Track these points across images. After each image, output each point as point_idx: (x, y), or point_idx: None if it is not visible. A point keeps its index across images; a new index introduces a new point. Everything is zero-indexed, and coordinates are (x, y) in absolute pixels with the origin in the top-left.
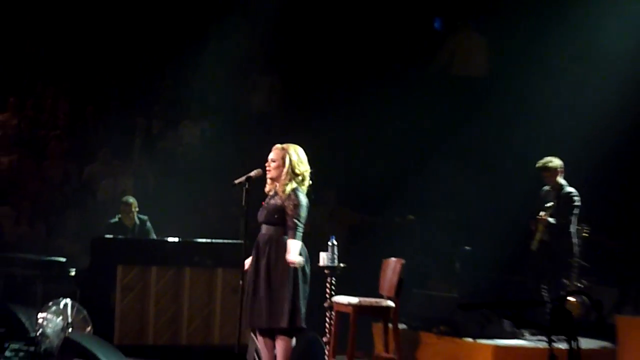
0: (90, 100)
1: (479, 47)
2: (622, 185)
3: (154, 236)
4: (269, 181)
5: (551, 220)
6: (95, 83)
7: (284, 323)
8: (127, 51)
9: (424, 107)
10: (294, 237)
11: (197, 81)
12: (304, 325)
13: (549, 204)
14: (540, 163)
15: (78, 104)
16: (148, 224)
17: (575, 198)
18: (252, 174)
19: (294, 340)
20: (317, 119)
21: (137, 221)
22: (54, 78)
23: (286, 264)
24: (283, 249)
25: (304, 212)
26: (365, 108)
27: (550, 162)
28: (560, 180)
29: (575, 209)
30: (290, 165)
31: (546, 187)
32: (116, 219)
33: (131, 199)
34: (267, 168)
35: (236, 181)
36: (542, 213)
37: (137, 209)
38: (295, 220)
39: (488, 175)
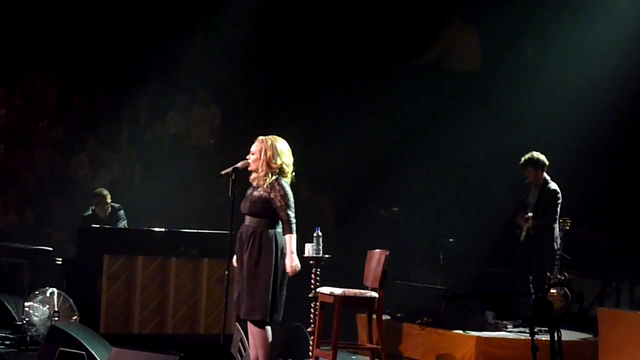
0: (78, 90)
1: (472, 41)
2: (604, 178)
3: (124, 224)
4: (253, 173)
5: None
6: (83, 74)
7: (262, 316)
8: (116, 42)
9: (409, 99)
10: (290, 232)
11: (184, 73)
12: (279, 318)
13: (529, 214)
14: (524, 159)
15: (66, 94)
16: (120, 212)
17: (558, 195)
18: (239, 164)
19: (269, 330)
20: (303, 108)
21: (110, 210)
22: (42, 68)
23: (269, 257)
24: (267, 242)
25: (292, 202)
26: (352, 100)
27: (534, 157)
28: (544, 175)
29: (558, 205)
30: (266, 159)
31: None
32: (89, 212)
33: (105, 191)
34: (249, 160)
35: (223, 172)
36: (525, 216)
37: (109, 202)
38: (288, 212)
39: (472, 168)
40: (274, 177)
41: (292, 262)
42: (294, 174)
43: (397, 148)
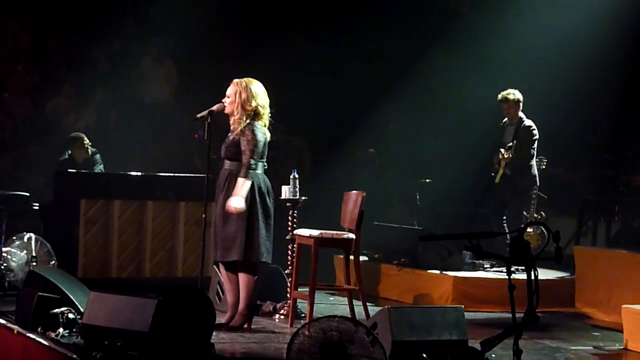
0: (52, 35)
1: None
2: (580, 117)
3: (100, 169)
4: (231, 117)
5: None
6: (57, 18)
7: (236, 256)
8: None
9: (389, 41)
10: (244, 176)
11: (158, 17)
12: (263, 259)
13: (509, 144)
14: (500, 95)
15: (41, 39)
16: (96, 156)
17: (534, 131)
18: (214, 107)
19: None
20: (281, 49)
21: (90, 152)
22: (16, 14)
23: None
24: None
25: (258, 148)
26: (330, 42)
27: (510, 94)
28: (520, 113)
29: (534, 142)
30: (240, 101)
31: (505, 120)
32: (66, 156)
33: (82, 134)
34: (224, 103)
35: (198, 115)
36: (502, 151)
37: (89, 143)
38: (248, 158)
39: (449, 109)
40: (247, 122)
41: (233, 202)
42: (270, 116)
43: (374, 89)
